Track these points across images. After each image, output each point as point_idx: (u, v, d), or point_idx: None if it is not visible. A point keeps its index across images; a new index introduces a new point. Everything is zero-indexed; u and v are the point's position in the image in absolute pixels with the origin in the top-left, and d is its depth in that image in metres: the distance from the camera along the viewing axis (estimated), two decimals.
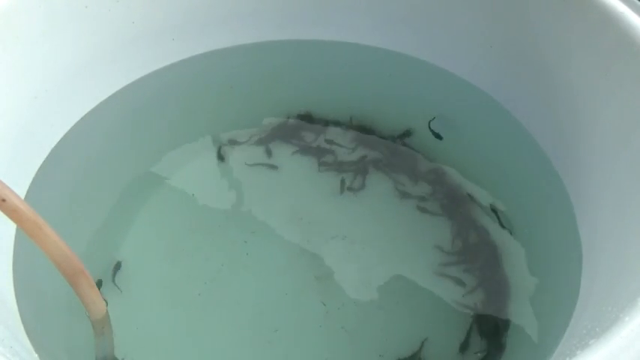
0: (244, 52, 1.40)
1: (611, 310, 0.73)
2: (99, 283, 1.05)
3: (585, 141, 1.06)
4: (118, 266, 1.08)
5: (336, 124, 1.33)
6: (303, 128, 1.32)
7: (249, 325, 1.03)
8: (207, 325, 1.04)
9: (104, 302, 0.81)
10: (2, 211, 0.66)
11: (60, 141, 1.20)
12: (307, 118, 1.33)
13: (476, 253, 1.11)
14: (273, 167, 1.25)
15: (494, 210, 1.15)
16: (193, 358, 1.00)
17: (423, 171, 1.24)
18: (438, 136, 1.24)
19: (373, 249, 1.13)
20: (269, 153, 1.28)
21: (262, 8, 1.35)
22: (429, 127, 1.26)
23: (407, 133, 1.29)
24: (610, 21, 0.98)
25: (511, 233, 1.12)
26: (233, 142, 1.30)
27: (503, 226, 1.13)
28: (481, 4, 1.22)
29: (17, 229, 1.02)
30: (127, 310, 1.04)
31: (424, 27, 1.32)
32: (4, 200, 0.65)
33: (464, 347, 0.99)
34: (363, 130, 1.31)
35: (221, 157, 1.26)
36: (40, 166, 1.15)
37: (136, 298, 1.06)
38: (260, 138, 1.30)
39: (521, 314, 1.03)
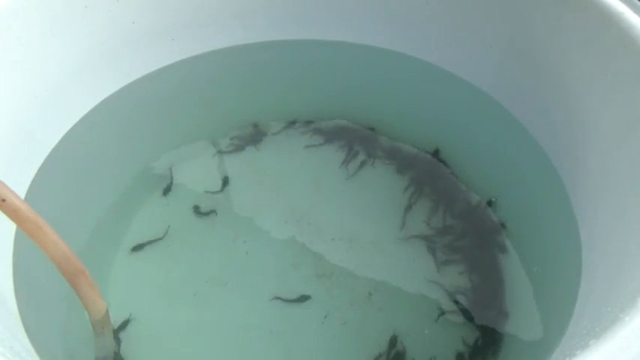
0: (244, 52, 1.40)
1: (611, 310, 0.73)
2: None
3: (585, 140, 1.06)
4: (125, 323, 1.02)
5: (337, 122, 1.33)
6: (303, 127, 1.33)
7: (250, 324, 1.03)
8: (207, 323, 1.04)
9: (104, 302, 0.81)
10: (2, 211, 0.66)
11: (60, 141, 1.20)
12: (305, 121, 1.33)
13: (475, 252, 1.12)
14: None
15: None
16: (194, 356, 1.00)
17: (425, 170, 1.24)
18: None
19: (372, 248, 1.13)
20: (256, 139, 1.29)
21: (262, 9, 1.35)
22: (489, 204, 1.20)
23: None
24: (610, 21, 0.98)
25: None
26: (233, 141, 1.30)
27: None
28: (481, 4, 1.22)
29: (17, 229, 1.02)
30: (127, 310, 1.04)
31: (424, 27, 1.32)
32: (4, 200, 0.65)
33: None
34: (364, 129, 1.32)
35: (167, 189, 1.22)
36: (40, 166, 1.15)
37: (135, 297, 1.06)
38: (260, 137, 1.31)
39: (521, 314, 1.02)
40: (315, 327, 1.03)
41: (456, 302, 1.05)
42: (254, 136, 1.31)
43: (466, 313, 1.03)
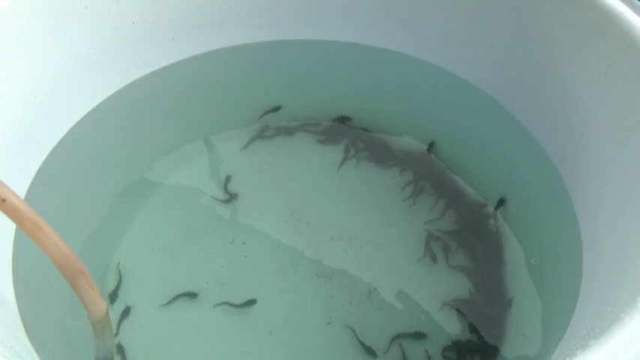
0: (245, 52, 1.40)
1: (611, 310, 0.73)
2: (126, 310, 1.04)
3: (585, 140, 1.06)
4: (126, 312, 1.05)
5: (338, 122, 1.33)
6: (302, 127, 1.33)
7: (249, 324, 1.03)
8: (207, 325, 1.04)
9: (104, 302, 0.81)
10: (2, 211, 0.66)
11: (60, 141, 1.20)
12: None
13: (477, 252, 1.12)
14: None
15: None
16: (193, 356, 1.00)
17: (424, 169, 1.24)
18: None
19: (372, 248, 1.13)
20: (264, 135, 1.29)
21: (262, 8, 1.35)
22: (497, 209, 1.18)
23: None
24: (610, 21, 0.98)
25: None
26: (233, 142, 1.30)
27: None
28: (481, 4, 1.22)
29: (17, 229, 1.02)
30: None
31: (424, 27, 1.32)
32: (4, 200, 0.65)
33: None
34: (365, 129, 1.32)
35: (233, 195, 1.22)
36: (40, 166, 1.15)
37: (135, 298, 1.06)
38: (260, 138, 1.31)
39: (521, 314, 1.03)
40: (315, 327, 1.03)
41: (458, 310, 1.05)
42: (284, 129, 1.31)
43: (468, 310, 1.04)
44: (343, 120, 1.33)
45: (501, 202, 1.17)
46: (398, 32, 1.36)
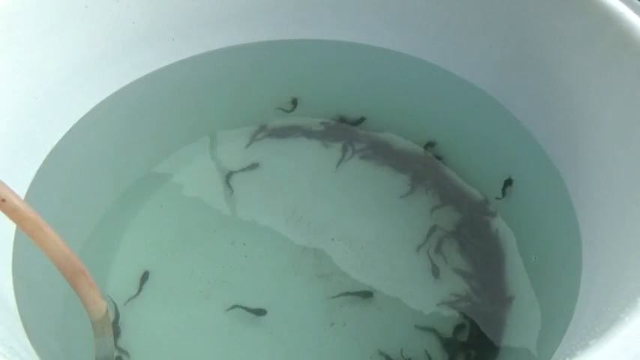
0: (244, 52, 1.40)
1: (611, 310, 0.73)
2: (145, 275, 1.07)
3: (586, 141, 1.06)
4: (145, 276, 1.08)
5: (340, 122, 1.33)
6: (301, 127, 1.33)
7: (250, 324, 1.03)
8: (208, 325, 1.04)
9: (104, 302, 0.81)
10: (2, 211, 0.66)
11: (60, 141, 1.20)
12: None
13: (477, 251, 1.12)
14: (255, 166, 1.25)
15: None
16: (195, 356, 1.00)
17: (427, 172, 1.24)
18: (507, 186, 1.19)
19: (373, 249, 1.13)
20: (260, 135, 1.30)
21: (262, 8, 1.35)
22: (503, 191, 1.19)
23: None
24: (610, 21, 0.98)
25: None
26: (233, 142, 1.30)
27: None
28: (481, 4, 1.22)
29: (17, 229, 1.02)
30: (128, 310, 1.04)
31: (424, 27, 1.32)
32: (4, 200, 0.65)
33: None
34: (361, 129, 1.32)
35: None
36: (40, 166, 1.15)
37: (134, 298, 1.06)
38: (259, 138, 1.31)
39: (521, 314, 1.03)
40: (315, 327, 1.03)
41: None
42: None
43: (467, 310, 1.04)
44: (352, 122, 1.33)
45: (509, 183, 1.18)
46: (397, 32, 1.36)
